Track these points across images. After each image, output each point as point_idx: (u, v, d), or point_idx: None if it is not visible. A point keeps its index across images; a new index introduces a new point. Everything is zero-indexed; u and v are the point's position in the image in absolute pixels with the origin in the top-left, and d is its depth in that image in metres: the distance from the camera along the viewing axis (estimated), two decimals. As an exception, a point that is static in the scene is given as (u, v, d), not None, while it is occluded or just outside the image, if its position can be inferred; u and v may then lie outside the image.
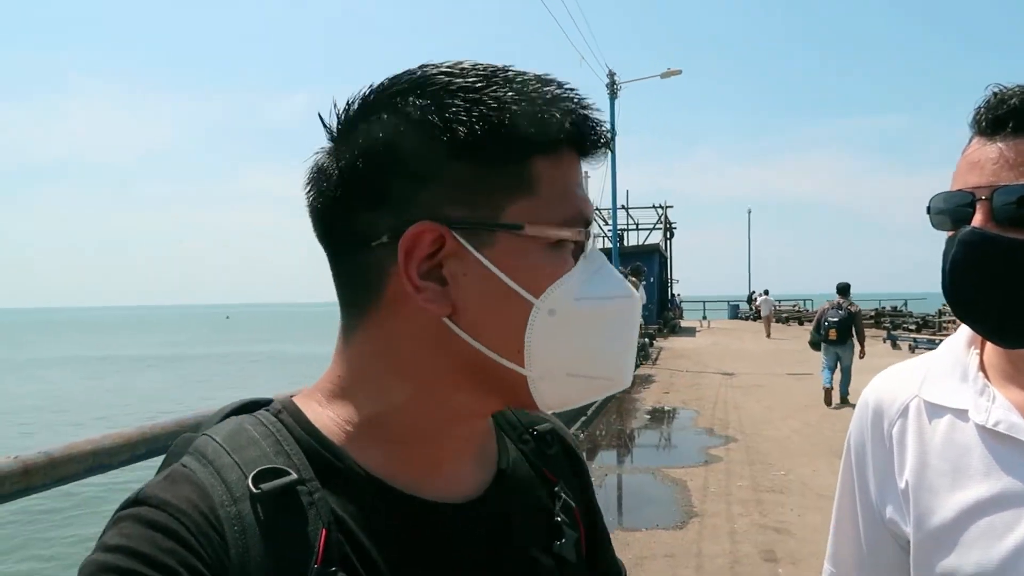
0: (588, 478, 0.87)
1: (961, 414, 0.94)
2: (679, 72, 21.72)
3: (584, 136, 0.66)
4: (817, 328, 11.47)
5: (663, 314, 30.69)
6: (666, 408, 11.66)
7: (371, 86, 0.67)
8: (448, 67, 0.65)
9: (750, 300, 43.30)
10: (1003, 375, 0.94)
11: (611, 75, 22.32)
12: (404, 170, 0.63)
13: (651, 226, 37.42)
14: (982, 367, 0.97)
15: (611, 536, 0.88)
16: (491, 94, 0.63)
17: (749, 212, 57.83)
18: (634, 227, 37.84)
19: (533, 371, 0.64)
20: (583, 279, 0.65)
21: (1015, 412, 0.90)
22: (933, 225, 0.94)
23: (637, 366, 17.45)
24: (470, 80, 0.63)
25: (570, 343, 0.64)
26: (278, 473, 0.61)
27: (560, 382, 0.65)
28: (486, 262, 0.62)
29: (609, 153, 0.70)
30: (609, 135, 0.69)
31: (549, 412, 0.72)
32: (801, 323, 35.08)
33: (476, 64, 0.65)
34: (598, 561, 0.83)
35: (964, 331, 1.00)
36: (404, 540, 0.64)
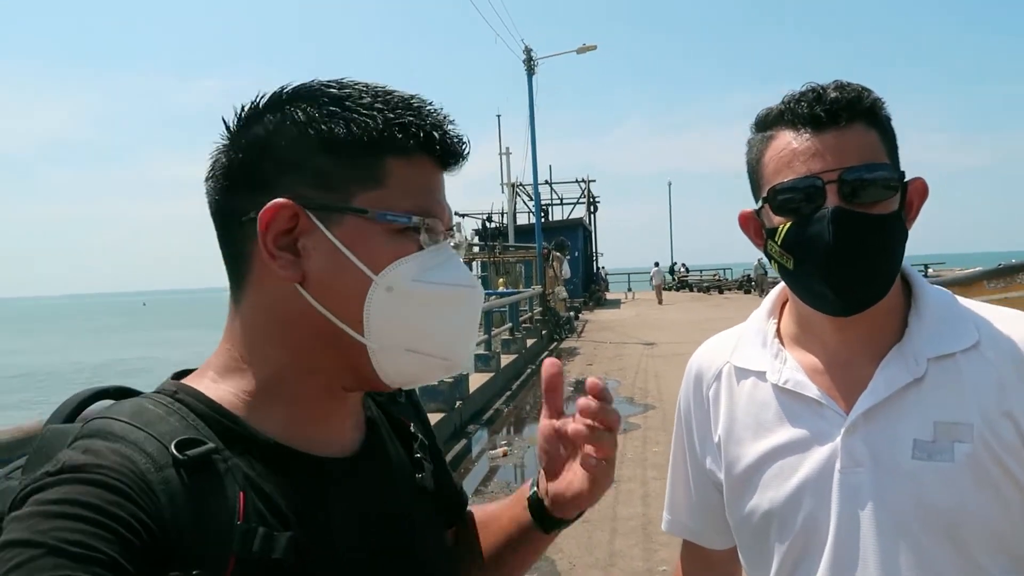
0: (428, 421, 1.00)
1: (761, 375, 1.09)
2: (594, 47, 21.98)
3: (438, 146, 0.75)
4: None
5: (589, 287, 31.23)
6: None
7: (264, 92, 0.77)
8: (332, 81, 0.76)
9: (672, 271, 44.36)
10: (795, 339, 1.10)
11: (527, 51, 22.42)
12: (275, 159, 0.73)
13: (575, 201, 37.83)
14: (778, 334, 1.12)
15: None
16: (357, 102, 0.73)
17: (669, 185, 58.99)
18: (558, 202, 38.22)
19: (373, 342, 0.73)
20: (426, 265, 0.74)
21: (801, 371, 1.05)
22: (774, 211, 1.00)
23: (563, 339, 17.80)
24: (344, 92, 0.74)
25: (407, 320, 0.73)
26: (195, 443, 0.66)
27: (399, 356, 0.74)
28: (332, 238, 0.72)
29: (464, 161, 0.79)
30: (462, 143, 0.78)
31: (395, 388, 0.79)
32: (721, 291, 36.18)
33: (359, 81, 0.76)
34: (444, 488, 0.95)
35: (766, 303, 1.16)
36: (305, 493, 0.72)
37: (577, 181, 37.63)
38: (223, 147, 0.76)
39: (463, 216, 29.55)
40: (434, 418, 7.82)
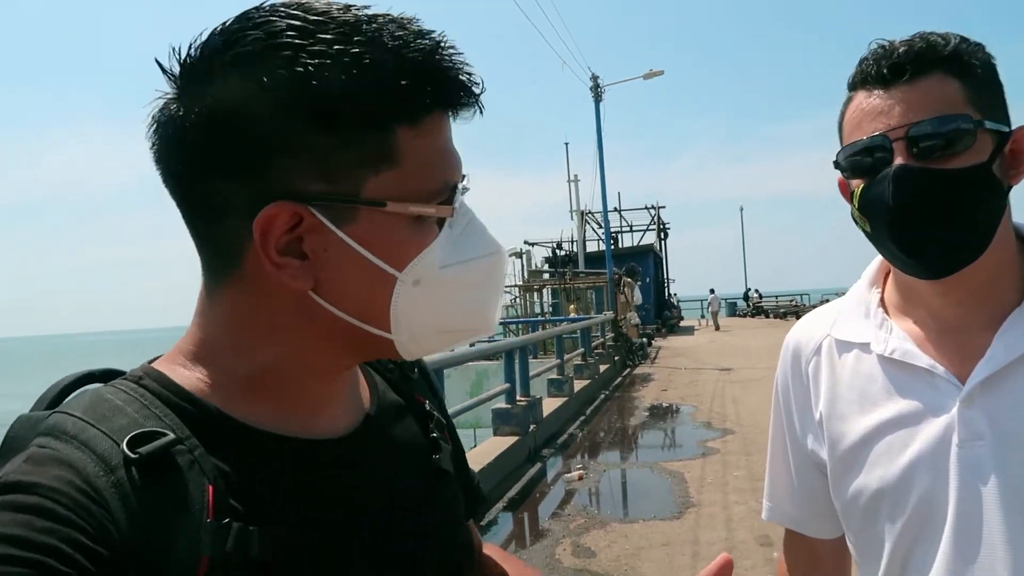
0: (443, 399, 0.91)
1: (865, 347, 1.03)
2: (661, 73, 21.91)
3: (453, 96, 0.64)
4: None
5: (661, 314, 30.82)
6: (664, 404, 11.74)
7: (216, 31, 0.62)
8: (300, 12, 0.60)
9: (746, 297, 43.45)
10: (899, 308, 1.04)
11: (594, 78, 22.52)
12: (257, 138, 0.59)
13: (644, 227, 37.58)
14: (882, 303, 1.06)
15: (611, 528, 0.95)
16: (351, 54, 0.58)
17: (741, 210, 58.13)
18: (628, 229, 38.03)
19: (401, 335, 0.65)
20: (449, 246, 0.65)
21: (909, 340, 0.99)
22: (845, 176, 0.98)
23: (637, 365, 17.58)
24: (328, 36, 0.59)
25: (437, 306, 0.66)
26: (153, 436, 0.58)
27: (429, 338, 0.68)
28: (347, 239, 0.61)
29: (478, 110, 0.66)
30: (480, 88, 0.65)
31: (412, 359, 0.73)
32: (798, 317, 35.15)
33: (329, 6, 0.61)
34: (461, 475, 0.86)
35: (867, 274, 1.10)
36: (290, 481, 0.64)
37: (647, 207, 37.44)
38: (172, 107, 0.62)
39: (532, 245, 29.72)
40: (508, 441, 7.80)
